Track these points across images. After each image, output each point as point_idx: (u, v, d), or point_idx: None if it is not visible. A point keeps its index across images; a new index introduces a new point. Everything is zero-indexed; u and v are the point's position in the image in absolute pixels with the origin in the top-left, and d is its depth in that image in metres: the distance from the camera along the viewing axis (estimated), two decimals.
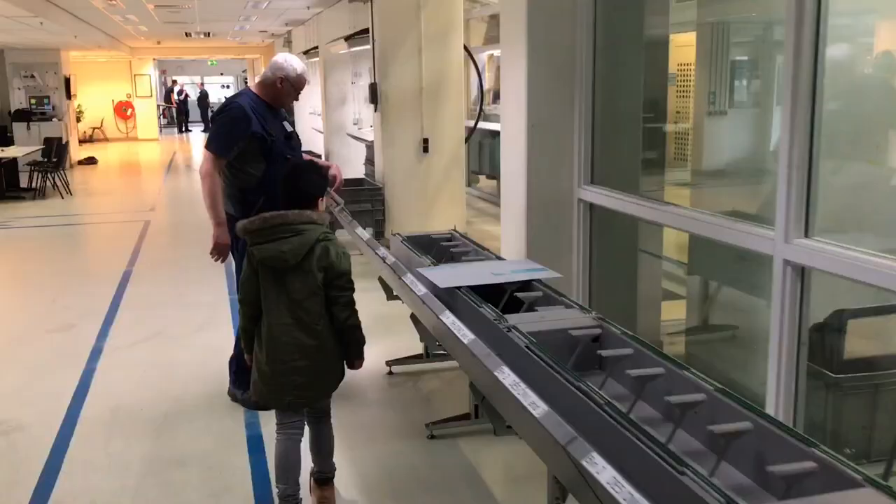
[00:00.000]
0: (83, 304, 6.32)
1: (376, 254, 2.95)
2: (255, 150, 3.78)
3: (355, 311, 2.93)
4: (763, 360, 4.14)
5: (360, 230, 3.28)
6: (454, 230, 4.43)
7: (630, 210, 4.02)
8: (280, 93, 3.90)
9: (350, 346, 2.95)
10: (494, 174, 11.47)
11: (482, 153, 11.70)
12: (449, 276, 3.40)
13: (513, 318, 2.80)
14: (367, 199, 7.87)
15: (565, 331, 2.69)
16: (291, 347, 2.84)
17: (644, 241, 4.64)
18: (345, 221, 3.77)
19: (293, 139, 4.01)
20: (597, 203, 4.31)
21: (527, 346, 2.53)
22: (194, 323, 5.71)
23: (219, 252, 3.84)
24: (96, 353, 5.10)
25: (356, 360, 3.00)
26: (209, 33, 16.01)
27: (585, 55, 4.22)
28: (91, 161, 18.13)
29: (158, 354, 5.08)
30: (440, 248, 4.14)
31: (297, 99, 4.07)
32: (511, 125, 4.58)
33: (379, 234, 7.95)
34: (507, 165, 4.68)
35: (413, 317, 3.74)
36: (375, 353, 4.77)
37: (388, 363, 4.54)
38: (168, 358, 5.00)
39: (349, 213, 3.81)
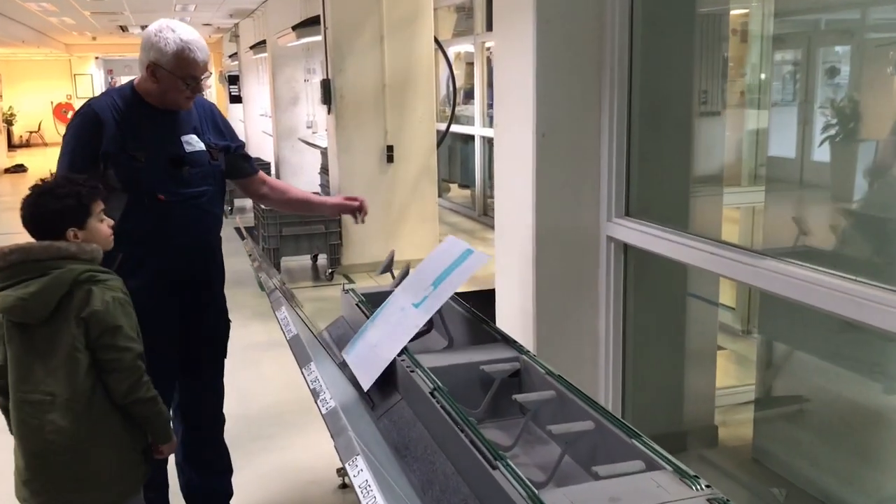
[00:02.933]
0: None
1: (304, 377, 1.64)
2: (112, 182, 2.42)
3: (143, 381, 2.19)
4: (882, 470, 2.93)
5: (286, 314, 1.94)
6: None
7: (692, 259, 2.76)
8: (158, 87, 2.48)
9: (147, 427, 2.26)
10: (468, 183, 10.26)
11: (453, 159, 10.50)
12: (367, 356, 2.31)
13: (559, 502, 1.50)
14: (319, 219, 6.52)
15: None
16: (44, 435, 2.11)
17: (695, 283, 3.39)
18: (270, 292, 2.36)
19: (189, 164, 2.54)
20: (633, 243, 3.04)
21: None
22: None
23: None
24: None
25: (162, 444, 2.31)
26: (146, 27, 14.46)
27: (618, 32, 2.95)
28: (20, 169, 16.51)
29: None
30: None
31: (198, 91, 2.56)
32: (509, 133, 3.29)
33: (335, 263, 6.62)
34: (505, 189, 3.39)
35: None
36: (322, 453, 3.45)
37: (341, 471, 3.22)
38: None
39: (276, 287, 2.39)
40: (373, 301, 2.92)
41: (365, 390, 2.18)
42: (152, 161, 2.48)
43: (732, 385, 3.78)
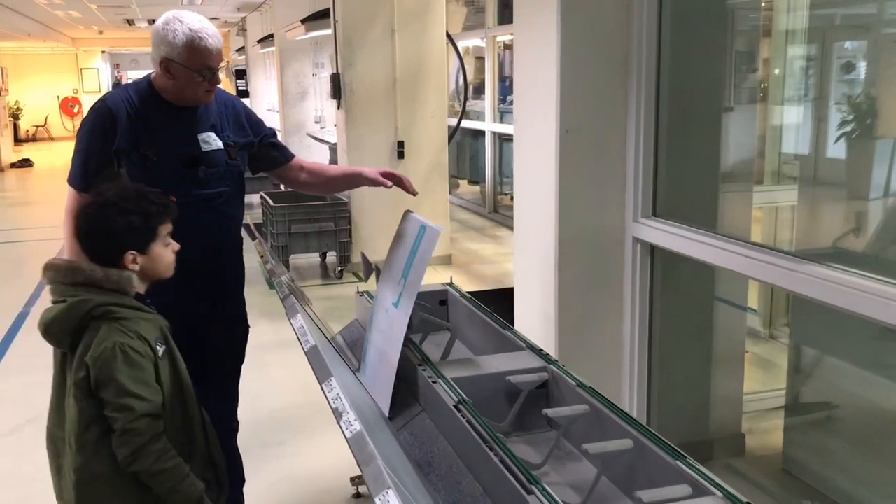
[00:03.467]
0: None
1: (325, 395, 1.51)
2: (125, 181, 2.29)
3: (148, 450, 1.80)
4: None
5: (302, 322, 1.79)
6: (450, 284, 3.00)
7: (722, 261, 2.63)
8: (174, 84, 2.35)
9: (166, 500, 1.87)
10: (477, 179, 10.13)
11: (462, 155, 10.37)
12: (378, 371, 2.20)
13: None
14: (328, 216, 6.41)
15: None
16: (60, 481, 1.93)
17: (723, 285, 3.27)
18: (284, 297, 2.21)
19: (205, 164, 2.41)
20: (661, 245, 2.91)
21: None
22: None
23: None
24: None
25: None
26: (154, 21, 14.40)
27: (646, 24, 2.82)
28: (26, 163, 16.44)
29: (29, 454, 3.60)
30: (425, 323, 2.62)
31: (216, 82, 2.40)
32: (530, 131, 3.17)
33: (344, 261, 6.51)
34: (526, 189, 3.26)
35: None
36: (334, 459, 3.34)
37: (354, 480, 3.11)
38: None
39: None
40: None
41: (387, 415, 2.06)
42: (166, 160, 2.36)
43: (758, 390, 3.65)
